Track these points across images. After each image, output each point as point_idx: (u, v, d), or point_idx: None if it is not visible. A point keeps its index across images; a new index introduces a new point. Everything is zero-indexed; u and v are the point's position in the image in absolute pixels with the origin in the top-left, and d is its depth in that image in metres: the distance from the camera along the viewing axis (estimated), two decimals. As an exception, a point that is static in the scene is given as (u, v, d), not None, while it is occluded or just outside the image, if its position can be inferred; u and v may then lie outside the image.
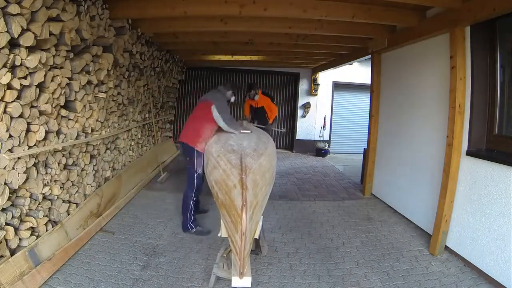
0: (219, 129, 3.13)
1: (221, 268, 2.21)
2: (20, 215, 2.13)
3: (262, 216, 2.21)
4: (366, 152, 4.89)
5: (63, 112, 2.56)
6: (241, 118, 5.55)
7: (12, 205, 2.10)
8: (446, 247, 2.90)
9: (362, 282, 2.43)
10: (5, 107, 1.91)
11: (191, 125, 3.16)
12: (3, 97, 1.88)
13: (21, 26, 1.90)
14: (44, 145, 2.32)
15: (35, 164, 2.26)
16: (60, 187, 2.57)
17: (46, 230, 2.41)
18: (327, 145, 8.15)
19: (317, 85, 8.15)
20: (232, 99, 3.49)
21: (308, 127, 8.34)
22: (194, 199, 3.12)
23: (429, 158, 3.32)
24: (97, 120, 3.12)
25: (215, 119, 3.07)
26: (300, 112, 8.31)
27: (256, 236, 2.20)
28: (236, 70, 8.22)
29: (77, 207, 2.83)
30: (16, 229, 2.11)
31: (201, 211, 3.61)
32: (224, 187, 2.03)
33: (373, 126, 4.58)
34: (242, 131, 3.16)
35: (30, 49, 2.03)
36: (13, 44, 1.91)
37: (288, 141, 8.71)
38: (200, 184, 3.18)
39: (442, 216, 2.84)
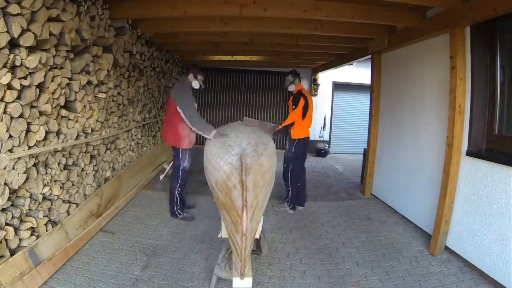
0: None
1: (223, 269, 2.20)
2: (20, 215, 2.13)
3: (262, 217, 2.21)
4: (366, 152, 4.88)
5: (63, 112, 2.56)
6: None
7: (12, 205, 2.09)
8: (446, 247, 2.90)
9: (362, 283, 2.43)
10: (5, 107, 1.91)
11: (169, 122, 3.22)
12: (3, 97, 1.88)
13: (21, 26, 1.90)
14: (44, 145, 2.32)
15: (35, 164, 2.25)
16: (60, 187, 2.57)
17: (46, 230, 2.41)
18: (327, 145, 8.15)
19: (317, 85, 8.15)
20: (195, 84, 3.27)
21: (308, 127, 8.33)
22: (179, 189, 3.29)
23: (429, 158, 3.32)
24: (97, 120, 3.11)
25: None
26: (300, 112, 8.30)
27: (257, 237, 2.20)
28: (236, 71, 8.21)
29: (77, 207, 2.83)
30: (16, 229, 2.11)
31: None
32: (224, 188, 2.03)
33: (373, 126, 4.58)
34: (214, 135, 2.75)
35: (30, 49, 2.03)
36: (13, 44, 1.91)
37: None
38: (186, 178, 3.33)
39: (442, 216, 2.84)
